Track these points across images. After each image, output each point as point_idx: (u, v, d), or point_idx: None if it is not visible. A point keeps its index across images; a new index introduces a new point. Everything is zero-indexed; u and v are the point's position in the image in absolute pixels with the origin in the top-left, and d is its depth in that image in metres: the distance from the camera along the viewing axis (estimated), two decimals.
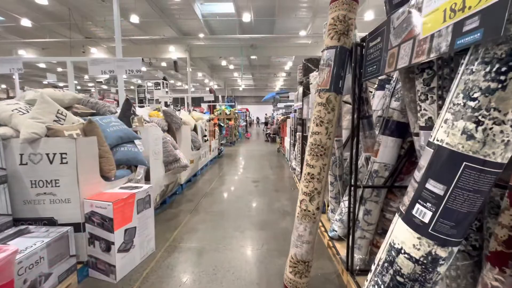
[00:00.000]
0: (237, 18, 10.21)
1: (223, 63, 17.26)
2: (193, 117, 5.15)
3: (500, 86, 0.67)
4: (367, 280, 1.11)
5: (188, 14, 9.83)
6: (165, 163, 3.21)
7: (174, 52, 13.34)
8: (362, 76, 1.56)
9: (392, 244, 0.95)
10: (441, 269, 0.85)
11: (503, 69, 0.67)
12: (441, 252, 0.82)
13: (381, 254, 1.02)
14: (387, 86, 2.18)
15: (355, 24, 1.72)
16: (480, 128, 0.71)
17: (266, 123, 16.77)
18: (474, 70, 0.73)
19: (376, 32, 1.37)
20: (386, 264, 0.97)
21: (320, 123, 1.65)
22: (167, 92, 12.01)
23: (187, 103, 10.40)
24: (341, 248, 2.15)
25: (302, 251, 1.69)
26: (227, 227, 2.85)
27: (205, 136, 5.72)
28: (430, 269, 0.85)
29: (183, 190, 4.21)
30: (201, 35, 11.91)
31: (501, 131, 0.69)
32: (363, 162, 2.03)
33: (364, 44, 1.54)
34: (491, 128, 0.69)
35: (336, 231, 2.36)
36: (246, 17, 9.70)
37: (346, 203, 2.30)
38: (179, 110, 5.87)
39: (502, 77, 0.67)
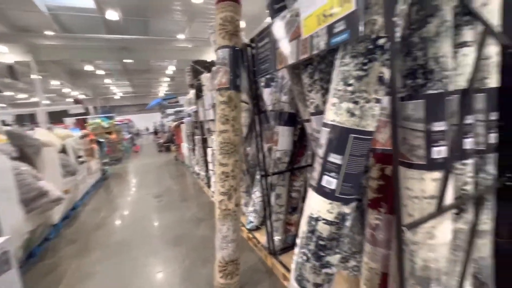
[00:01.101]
0: (100, 15, 8.74)
1: (89, 67, 14.40)
2: (58, 135, 4.02)
3: (365, 73, 0.90)
4: (294, 254, 1.23)
5: (24, 5, 7.52)
6: (25, 201, 2.35)
7: (8, 54, 9.88)
8: (256, 73, 1.70)
9: (311, 215, 1.09)
10: (348, 223, 1.06)
11: (365, 61, 0.89)
12: (347, 210, 1.02)
13: (303, 228, 1.15)
14: (272, 83, 2.47)
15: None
16: (358, 106, 0.92)
17: (155, 132, 15.42)
18: (346, 62, 0.94)
19: (264, 33, 1.52)
20: (309, 234, 1.11)
21: (226, 121, 1.67)
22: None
23: (45, 119, 8.01)
24: (261, 236, 2.29)
25: (229, 251, 1.67)
26: (136, 257, 2.43)
27: (80, 157, 4.60)
28: (341, 226, 1.03)
29: (60, 231, 3.23)
30: (49, 33, 9.42)
31: (370, 107, 0.92)
32: (266, 153, 2.23)
33: (254, 44, 1.67)
34: (364, 106, 0.92)
35: (253, 222, 2.49)
36: (112, 15, 8.48)
37: (257, 193, 2.47)
38: (32, 129, 4.43)
39: (365, 67, 0.90)
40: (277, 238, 2.02)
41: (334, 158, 0.99)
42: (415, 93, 0.99)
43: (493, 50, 1.12)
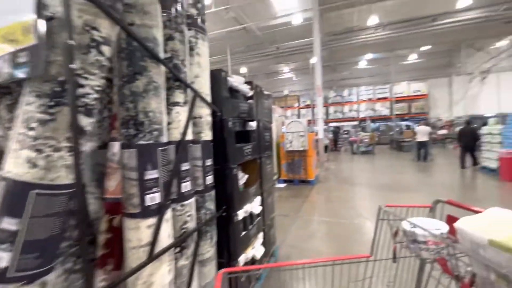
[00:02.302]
0: None
1: None
2: None
3: (51, 118, 0.77)
4: None
5: None
6: None
7: None
8: None
9: None
10: None
11: (51, 103, 0.77)
12: None
13: None
14: None
15: None
16: (41, 156, 0.76)
17: None
18: (30, 102, 0.77)
19: None
20: None
21: None
22: None
23: None
24: None
25: None
26: None
27: None
28: None
29: None
30: None
31: (61, 157, 0.79)
32: None
33: None
34: (51, 155, 0.77)
35: None
36: None
37: None
38: None
39: (52, 110, 0.77)
40: None
41: (9, 224, 0.73)
42: (129, 143, 1.01)
43: (204, 111, 1.45)
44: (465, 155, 7.33)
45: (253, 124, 2.03)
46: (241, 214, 1.71)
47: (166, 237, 1.10)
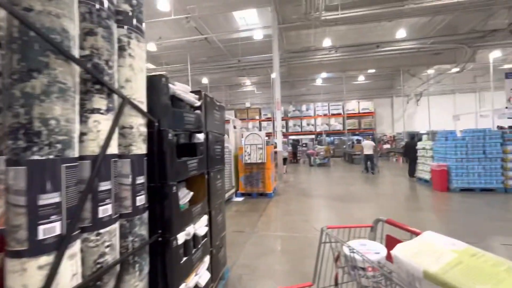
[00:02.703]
0: None
1: None
2: None
3: None
4: None
5: None
6: None
7: None
8: None
9: None
10: None
11: None
12: None
13: None
14: None
15: None
16: None
17: None
18: None
19: None
20: None
21: None
22: None
23: None
24: None
25: None
26: None
27: None
28: None
29: None
30: None
31: None
32: None
33: None
34: None
35: None
36: None
37: None
38: None
39: None
40: None
41: None
42: (17, 158, 0.78)
43: (137, 121, 1.26)
44: (411, 166, 8.28)
45: (200, 136, 1.88)
46: (181, 237, 1.51)
47: (69, 278, 0.86)
